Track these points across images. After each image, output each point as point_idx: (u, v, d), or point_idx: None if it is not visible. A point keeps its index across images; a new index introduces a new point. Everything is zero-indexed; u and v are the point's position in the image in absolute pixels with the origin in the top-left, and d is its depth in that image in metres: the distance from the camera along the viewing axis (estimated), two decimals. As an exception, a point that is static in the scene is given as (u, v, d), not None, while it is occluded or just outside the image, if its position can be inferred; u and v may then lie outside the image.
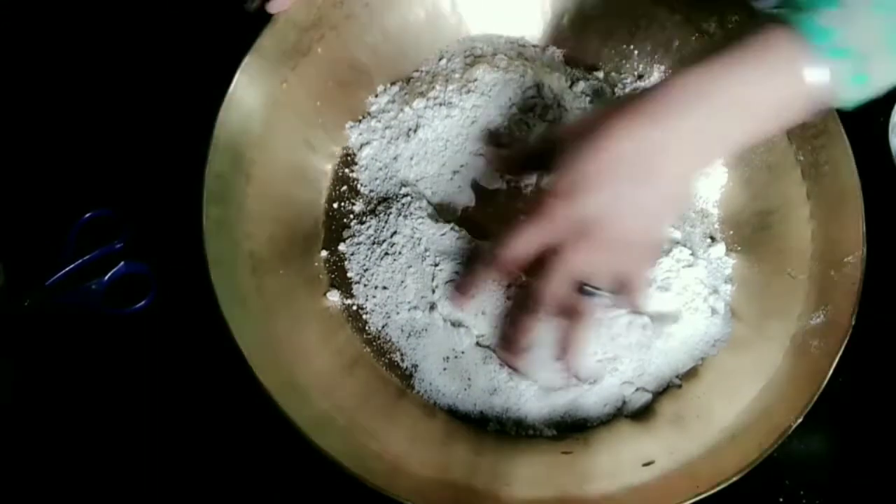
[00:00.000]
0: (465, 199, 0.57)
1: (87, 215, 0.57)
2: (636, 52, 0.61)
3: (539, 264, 0.46)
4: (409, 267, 0.54)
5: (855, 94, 0.42)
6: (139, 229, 0.58)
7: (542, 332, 0.48)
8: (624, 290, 0.47)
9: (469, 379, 0.52)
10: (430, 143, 0.58)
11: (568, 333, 0.48)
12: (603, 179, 0.43)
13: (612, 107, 0.45)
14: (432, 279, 0.53)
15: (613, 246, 0.45)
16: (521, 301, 0.49)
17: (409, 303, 0.53)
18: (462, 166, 0.57)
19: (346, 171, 0.58)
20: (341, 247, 0.56)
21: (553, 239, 0.45)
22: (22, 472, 0.52)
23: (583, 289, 0.47)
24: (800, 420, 0.47)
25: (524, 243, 0.46)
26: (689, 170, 0.45)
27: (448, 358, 0.52)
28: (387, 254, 0.55)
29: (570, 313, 0.47)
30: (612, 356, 0.52)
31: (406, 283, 0.54)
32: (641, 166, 0.43)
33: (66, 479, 0.52)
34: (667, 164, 0.43)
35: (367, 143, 0.59)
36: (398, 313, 0.54)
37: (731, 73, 0.42)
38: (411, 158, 0.57)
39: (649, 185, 0.43)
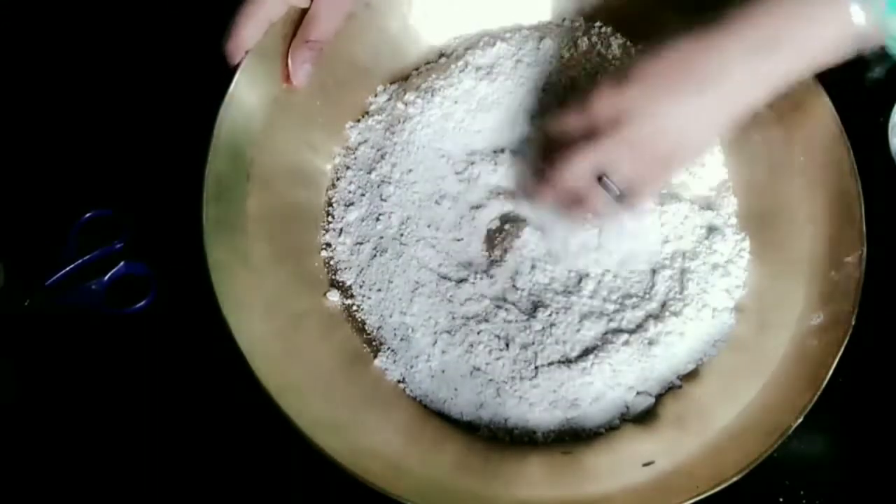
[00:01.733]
0: (455, 189, 0.57)
1: (87, 215, 0.57)
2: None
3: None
4: (398, 268, 0.54)
5: None
6: (139, 229, 0.58)
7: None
8: (632, 195, 0.49)
9: (456, 390, 0.52)
10: (418, 135, 0.58)
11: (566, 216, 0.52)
12: (648, 78, 0.46)
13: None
14: (415, 284, 0.54)
15: (642, 146, 0.47)
16: (543, 168, 0.51)
17: (398, 306, 0.54)
18: (446, 156, 0.58)
19: (346, 170, 0.58)
20: (340, 247, 0.56)
21: (592, 123, 0.47)
22: (23, 471, 0.52)
23: (601, 180, 0.49)
24: (800, 420, 0.47)
25: (567, 121, 0.49)
26: (738, 96, 0.47)
27: (433, 367, 0.53)
28: (379, 254, 0.55)
29: (578, 201, 0.50)
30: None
31: (395, 285, 0.54)
32: (688, 77, 0.46)
33: (67, 479, 0.52)
34: (714, 83, 0.46)
35: (365, 141, 0.59)
36: (391, 315, 0.54)
37: (777, 7, 0.45)
38: (397, 152, 0.57)
39: (691, 99, 0.46)
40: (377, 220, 0.56)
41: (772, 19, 0.45)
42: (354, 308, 0.55)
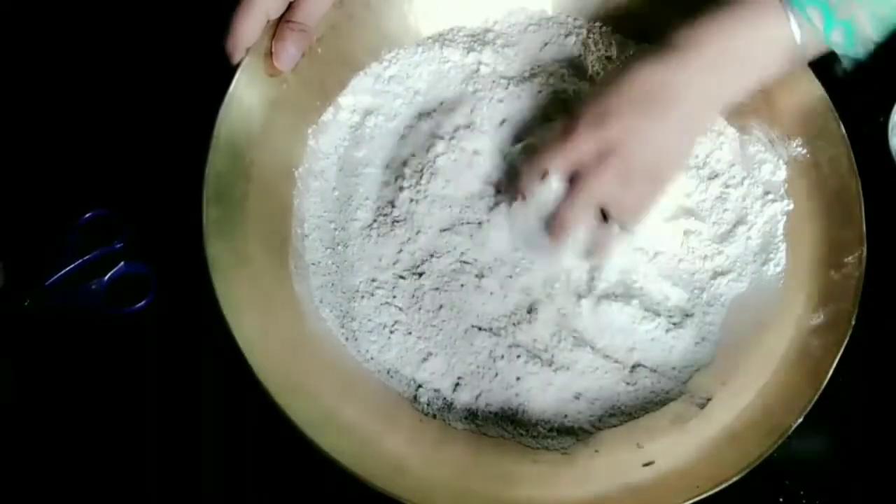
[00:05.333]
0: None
1: (87, 215, 0.57)
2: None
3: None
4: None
5: (842, 39, 0.48)
6: (139, 229, 0.58)
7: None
8: (631, 219, 0.52)
9: (458, 383, 0.52)
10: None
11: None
12: (623, 111, 0.49)
13: (632, 57, 0.54)
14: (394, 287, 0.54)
15: (628, 174, 0.50)
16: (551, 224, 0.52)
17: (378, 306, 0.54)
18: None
19: (346, 170, 0.58)
20: (339, 247, 0.56)
21: (578, 161, 0.50)
22: (22, 471, 0.52)
23: (605, 216, 0.51)
24: (800, 420, 0.47)
25: (555, 158, 0.51)
26: (697, 112, 0.51)
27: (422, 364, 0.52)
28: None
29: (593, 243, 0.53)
30: None
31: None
32: (656, 103, 0.49)
33: (66, 479, 0.52)
34: (677, 104, 0.49)
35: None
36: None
37: (721, 28, 0.49)
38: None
39: (662, 122, 0.49)
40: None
41: (719, 40, 0.49)
42: (354, 308, 0.55)
